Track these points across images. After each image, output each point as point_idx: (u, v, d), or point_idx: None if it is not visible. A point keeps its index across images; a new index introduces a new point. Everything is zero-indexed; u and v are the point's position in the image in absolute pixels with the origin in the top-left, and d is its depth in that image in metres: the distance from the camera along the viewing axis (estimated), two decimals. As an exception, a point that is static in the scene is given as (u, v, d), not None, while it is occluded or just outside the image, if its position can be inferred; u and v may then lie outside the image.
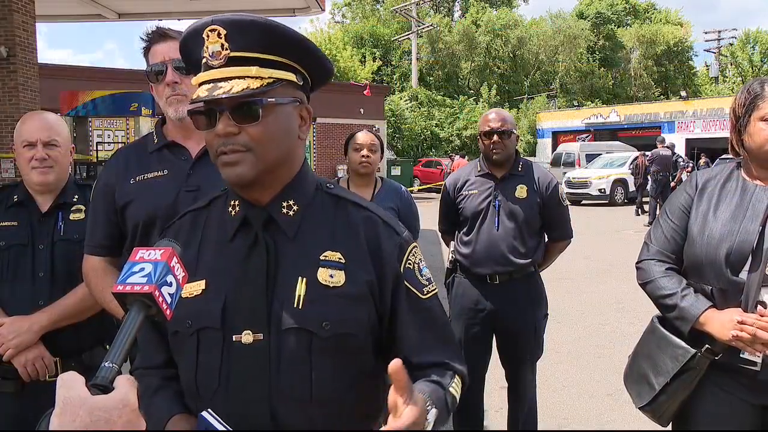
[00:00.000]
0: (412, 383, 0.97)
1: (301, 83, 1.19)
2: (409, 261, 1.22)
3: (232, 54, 1.11)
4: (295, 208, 1.20)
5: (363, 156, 3.22)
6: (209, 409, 1.10)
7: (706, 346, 1.82)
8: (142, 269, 0.91)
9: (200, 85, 1.14)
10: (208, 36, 1.12)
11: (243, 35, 1.11)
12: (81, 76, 17.53)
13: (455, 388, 1.20)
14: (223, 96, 1.09)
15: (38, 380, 2.09)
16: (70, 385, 0.77)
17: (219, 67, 1.11)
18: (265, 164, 1.14)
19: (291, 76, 1.16)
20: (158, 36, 1.87)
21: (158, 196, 1.78)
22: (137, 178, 1.84)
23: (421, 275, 1.24)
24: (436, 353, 1.22)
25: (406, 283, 1.20)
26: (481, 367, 3.21)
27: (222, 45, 1.11)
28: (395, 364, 0.92)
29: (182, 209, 1.39)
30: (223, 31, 1.11)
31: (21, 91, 8.92)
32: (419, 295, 1.22)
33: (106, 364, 0.82)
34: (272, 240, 1.17)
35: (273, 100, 1.13)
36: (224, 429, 1.07)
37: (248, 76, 1.10)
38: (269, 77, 1.12)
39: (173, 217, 1.37)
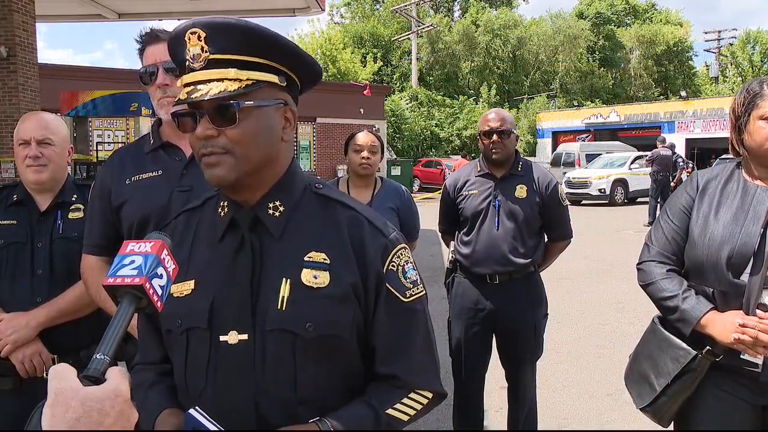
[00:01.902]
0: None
1: (285, 84, 1.18)
2: (393, 263, 1.21)
3: (212, 56, 1.11)
4: (281, 208, 1.19)
5: (363, 157, 3.21)
6: (197, 407, 1.10)
7: (707, 347, 1.81)
8: (133, 262, 0.90)
9: (184, 86, 1.14)
10: (189, 38, 1.12)
11: (222, 37, 1.11)
12: (81, 76, 17.51)
13: (404, 406, 1.19)
14: (202, 99, 1.09)
15: (36, 377, 2.09)
16: (63, 376, 0.78)
17: (200, 69, 1.12)
18: (245, 166, 1.13)
19: (272, 78, 1.15)
20: (150, 38, 1.88)
21: (152, 196, 1.78)
22: (132, 179, 1.84)
23: (405, 278, 1.22)
24: (399, 363, 1.20)
25: (387, 285, 1.19)
26: (481, 367, 3.21)
27: (202, 47, 1.11)
28: None
29: (175, 209, 1.38)
30: (203, 34, 1.10)
31: (21, 91, 8.91)
32: (400, 298, 1.20)
33: (98, 356, 0.82)
34: (258, 241, 1.17)
35: (251, 102, 1.12)
36: (212, 426, 1.08)
37: (226, 79, 1.10)
38: (248, 79, 1.11)
39: (166, 218, 1.37)
